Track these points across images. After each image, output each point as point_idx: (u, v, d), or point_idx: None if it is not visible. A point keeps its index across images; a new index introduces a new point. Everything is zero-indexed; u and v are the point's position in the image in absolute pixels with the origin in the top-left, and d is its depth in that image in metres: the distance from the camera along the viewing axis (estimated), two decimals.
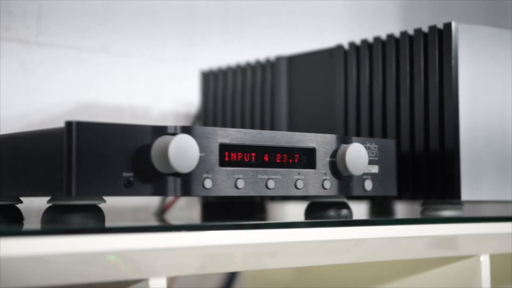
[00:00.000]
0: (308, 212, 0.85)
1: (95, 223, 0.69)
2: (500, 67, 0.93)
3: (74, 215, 0.69)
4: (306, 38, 1.45)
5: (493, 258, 0.92)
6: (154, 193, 0.70)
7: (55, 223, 0.69)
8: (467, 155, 0.89)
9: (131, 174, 0.68)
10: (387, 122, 0.95)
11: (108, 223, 0.71)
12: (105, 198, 0.70)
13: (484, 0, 1.76)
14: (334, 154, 0.81)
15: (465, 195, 0.88)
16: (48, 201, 0.71)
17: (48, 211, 0.71)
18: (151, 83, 1.27)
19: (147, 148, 0.69)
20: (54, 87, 1.17)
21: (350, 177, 0.82)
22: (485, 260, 0.88)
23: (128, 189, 0.68)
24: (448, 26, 0.90)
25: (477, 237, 0.88)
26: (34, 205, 0.95)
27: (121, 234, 0.64)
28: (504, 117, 0.93)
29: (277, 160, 0.77)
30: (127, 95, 1.24)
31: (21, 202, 0.78)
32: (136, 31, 1.25)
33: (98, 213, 0.70)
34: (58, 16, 1.17)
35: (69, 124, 0.66)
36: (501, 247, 0.92)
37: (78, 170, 0.65)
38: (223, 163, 0.73)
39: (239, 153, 0.75)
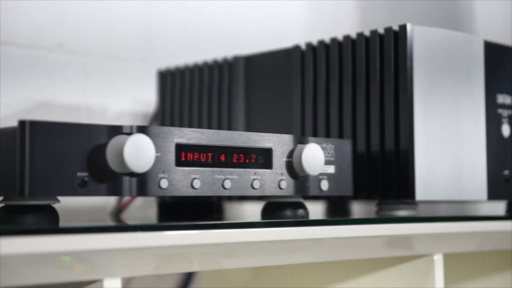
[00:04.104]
0: (265, 212, 0.85)
1: (49, 223, 0.69)
2: (454, 68, 0.94)
3: (27, 216, 0.68)
4: (264, 38, 1.46)
5: (447, 258, 0.93)
6: (109, 193, 0.69)
7: (8, 223, 0.68)
8: (422, 156, 0.90)
9: (85, 174, 0.67)
10: (343, 122, 0.96)
11: (63, 224, 0.70)
12: (60, 198, 0.70)
13: (441, 1, 1.78)
14: (290, 154, 0.82)
15: (420, 195, 0.89)
16: (1, 201, 0.70)
17: (0, 211, 0.70)
18: (108, 82, 1.26)
19: (102, 147, 0.68)
20: (8, 85, 1.15)
21: (306, 177, 0.83)
22: (438, 260, 0.89)
23: (82, 189, 0.67)
24: (403, 28, 0.91)
25: (431, 237, 0.89)
26: None
27: (75, 234, 0.63)
28: (458, 118, 0.94)
29: (234, 160, 0.77)
30: (83, 94, 1.23)
31: None
32: (92, 30, 1.24)
33: (52, 214, 0.69)
34: (12, 14, 1.16)
35: (22, 123, 0.65)
36: (454, 247, 0.94)
37: (32, 170, 0.64)
38: (179, 163, 0.73)
39: (195, 153, 0.75)
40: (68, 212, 1.11)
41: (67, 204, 0.77)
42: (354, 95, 0.96)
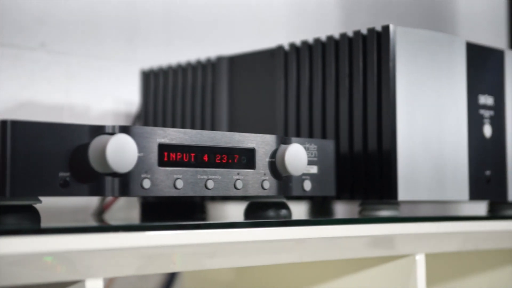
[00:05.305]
0: (248, 213, 0.85)
1: (30, 224, 0.68)
2: (436, 69, 0.95)
3: (8, 216, 0.67)
4: (247, 38, 1.46)
5: (429, 258, 0.93)
6: (92, 193, 0.69)
7: None
8: (404, 156, 0.90)
9: (67, 174, 0.67)
10: (327, 123, 0.96)
11: (44, 224, 0.70)
12: (42, 198, 0.69)
13: (423, 1, 1.79)
14: (273, 155, 0.82)
15: (402, 195, 0.90)
16: None
17: None
18: (91, 82, 1.25)
19: (84, 147, 0.68)
20: None
21: (289, 177, 0.83)
22: (420, 259, 0.89)
23: (64, 189, 0.67)
24: (386, 28, 0.91)
25: (413, 237, 0.90)
26: None
27: (57, 235, 0.63)
28: (440, 118, 0.95)
29: (217, 161, 0.77)
30: (66, 94, 1.22)
31: None
32: (75, 29, 1.24)
33: (33, 214, 0.69)
34: None
35: (3, 123, 0.64)
36: (436, 247, 0.94)
37: (13, 170, 0.64)
38: (162, 163, 0.73)
39: (178, 153, 0.74)
40: (50, 213, 1.10)
41: (49, 205, 0.77)
42: (337, 95, 0.96)
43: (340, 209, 1.31)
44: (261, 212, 0.84)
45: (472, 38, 1.04)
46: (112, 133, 0.69)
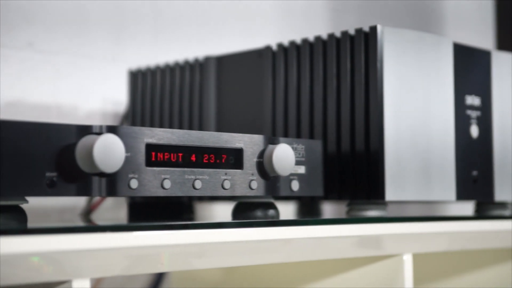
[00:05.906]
0: (236, 213, 0.85)
1: (17, 224, 0.68)
2: (424, 70, 0.95)
3: None
4: (236, 39, 1.46)
5: (416, 258, 0.93)
6: (79, 193, 0.69)
7: None
8: (392, 157, 0.91)
9: (54, 174, 0.67)
10: (314, 123, 0.96)
11: (31, 224, 0.69)
12: (29, 198, 0.69)
13: (411, 1, 1.80)
14: (261, 155, 0.82)
15: (389, 195, 0.90)
16: None
17: None
18: (78, 81, 1.25)
19: (71, 147, 0.68)
20: None
21: (277, 177, 0.83)
22: (408, 259, 0.89)
23: (51, 189, 0.66)
24: (373, 29, 0.91)
25: (400, 237, 0.90)
26: None
27: (44, 235, 0.62)
28: (427, 119, 0.95)
29: (204, 161, 0.77)
30: (53, 94, 1.22)
31: None
32: (63, 29, 1.23)
33: (20, 214, 0.69)
34: None
35: None
36: (423, 247, 0.94)
37: (0, 170, 0.64)
38: (149, 163, 0.73)
39: (166, 153, 0.74)
40: (37, 213, 1.10)
41: (36, 205, 0.76)
42: (325, 95, 0.96)
43: (328, 209, 1.31)
44: (249, 212, 0.84)
45: (460, 39, 1.05)
46: (100, 133, 0.69)
